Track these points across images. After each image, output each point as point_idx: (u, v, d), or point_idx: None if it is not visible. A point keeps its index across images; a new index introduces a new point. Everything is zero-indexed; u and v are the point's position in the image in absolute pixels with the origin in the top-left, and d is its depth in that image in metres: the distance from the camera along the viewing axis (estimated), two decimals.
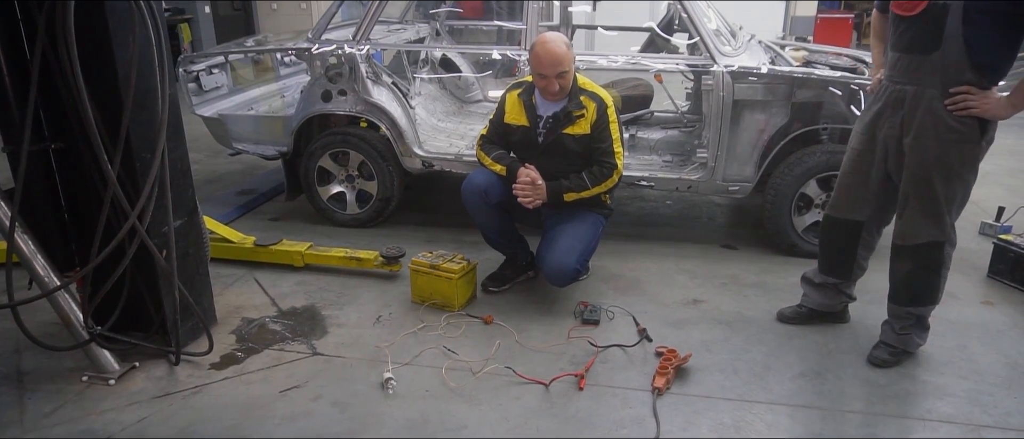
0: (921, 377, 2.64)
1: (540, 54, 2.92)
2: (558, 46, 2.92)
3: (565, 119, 3.02)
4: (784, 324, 3.00)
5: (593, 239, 3.14)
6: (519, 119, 3.12)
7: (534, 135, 3.09)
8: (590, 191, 3.03)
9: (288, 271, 3.55)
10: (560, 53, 2.91)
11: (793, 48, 4.56)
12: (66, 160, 2.60)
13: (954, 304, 3.20)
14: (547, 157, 3.08)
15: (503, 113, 3.17)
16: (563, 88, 2.98)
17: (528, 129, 3.10)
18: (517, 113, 3.13)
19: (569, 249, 3.02)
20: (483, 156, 3.17)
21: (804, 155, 3.54)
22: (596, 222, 3.16)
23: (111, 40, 2.40)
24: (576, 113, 3.00)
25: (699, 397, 2.52)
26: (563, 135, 3.04)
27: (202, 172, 5.29)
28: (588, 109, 3.00)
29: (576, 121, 3.01)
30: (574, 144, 3.04)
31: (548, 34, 3.01)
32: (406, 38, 4.83)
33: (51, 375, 2.66)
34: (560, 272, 3.03)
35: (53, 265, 2.60)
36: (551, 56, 2.90)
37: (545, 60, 2.92)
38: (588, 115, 3.01)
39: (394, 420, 2.40)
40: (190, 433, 2.35)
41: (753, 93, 3.49)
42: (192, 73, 4.20)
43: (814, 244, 3.63)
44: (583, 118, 3.01)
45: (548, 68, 2.92)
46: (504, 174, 3.07)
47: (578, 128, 3.02)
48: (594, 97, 3.02)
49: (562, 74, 2.93)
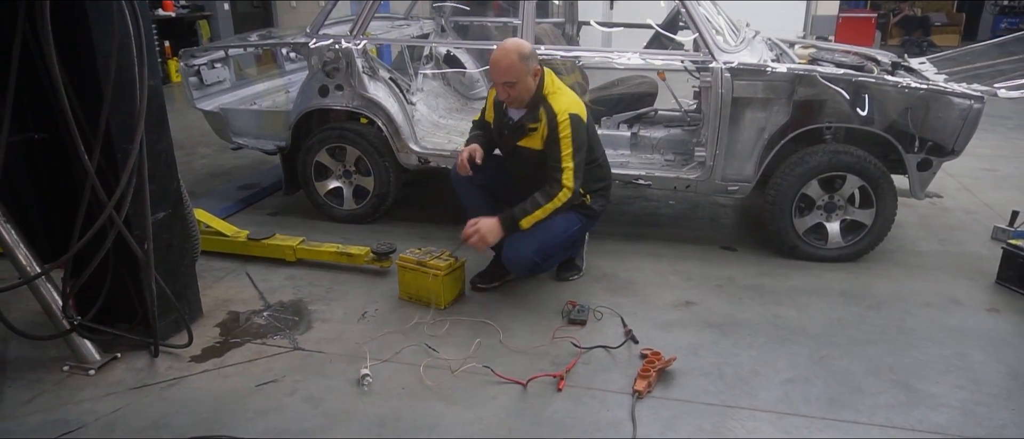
0: (916, 386, 2.54)
1: (492, 60, 2.88)
2: (508, 56, 2.82)
3: (519, 131, 2.99)
4: (781, 327, 2.91)
5: (562, 234, 3.06)
6: (490, 117, 3.17)
7: (499, 138, 3.12)
8: (544, 209, 2.92)
9: (280, 265, 3.54)
10: (507, 64, 2.82)
11: (802, 46, 4.45)
12: (49, 151, 2.62)
13: (957, 310, 3.08)
14: (511, 162, 3.12)
15: (486, 106, 3.20)
16: (513, 98, 2.92)
17: (493, 125, 3.15)
18: (491, 110, 3.16)
19: (528, 239, 2.97)
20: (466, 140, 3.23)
21: (806, 155, 3.44)
22: (570, 220, 3.08)
23: (91, 30, 2.41)
24: (530, 126, 2.95)
25: (680, 401, 2.45)
26: (519, 147, 3.02)
27: (208, 166, 5.34)
28: (540, 123, 2.92)
29: (529, 134, 2.96)
30: (529, 156, 3.01)
31: (508, 41, 2.94)
32: (410, 34, 4.80)
33: (33, 364, 2.68)
34: (514, 261, 3.04)
35: (36, 255, 2.62)
36: (499, 65, 2.85)
37: (494, 67, 2.87)
38: (540, 130, 2.93)
39: (366, 417, 2.37)
40: (162, 425, 2.34)
41: (753, 90, 3.40)
42: (193, 67, 4.22)
43: (815, 246, 3.56)
44: (536, 132, 2.95)
45: (496, 75, 2.88)
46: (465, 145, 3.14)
47: (531, 142, 2.97)
48: (549, 110, 2.91)
49: (509, 84, 2.86)
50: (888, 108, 3.35)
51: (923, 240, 3.89)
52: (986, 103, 3.26)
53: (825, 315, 3.03)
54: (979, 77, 3.66)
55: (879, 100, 3.34)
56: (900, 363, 2.67)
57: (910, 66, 4.01)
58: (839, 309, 3.09)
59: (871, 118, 3.35)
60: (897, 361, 2.69)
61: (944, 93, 3.31)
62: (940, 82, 3.52)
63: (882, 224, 3.49)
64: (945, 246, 3.82)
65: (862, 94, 3.34)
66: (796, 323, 2.97)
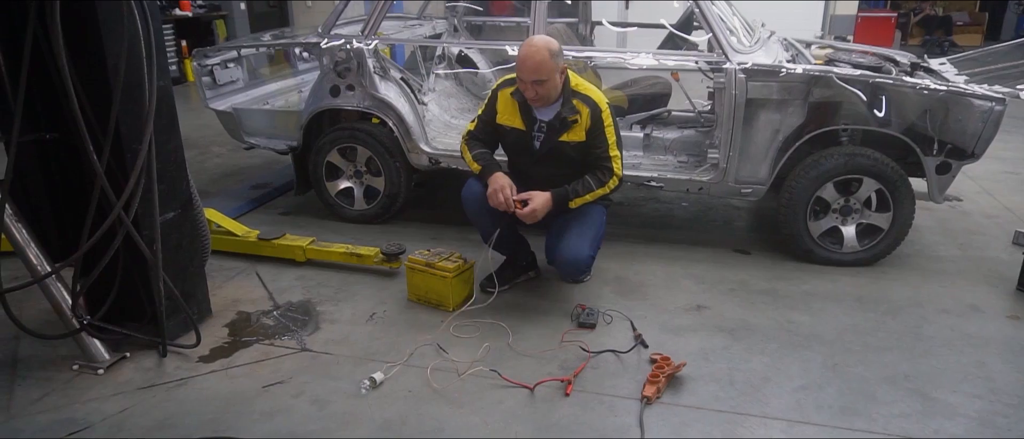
0: (932, 394, 2.48)
1: (521, 57, 2.80)
2: (539, 53, 2.76)
3: (561, 126, 2.91)
4: (794, 333, 2.87)
5: (601, 227, 3.07)
6: (513, 121, 3.01)
7: (529, 140, 3.00)
8: (595, 194, 2.94)
9: (290, 266, 3.54)
10: (539, 60, 2.76)
11: (819, 46, 4.38)
12: (61, 151, 2.63)
13: (977, 317, 3.01)
14: (544, 165, 3.01)
15: (494, 113, 3.05)
16: (540, 96, 2.85)
17: (523, 133, 3.00)
18: (511, 114, 3.01)
19: (581, 237, 2.95)
20: (465, 151, 3.09)
21: (821, 157, 3.39)
22: (600, 211, 3.09)
23: (101, 31, 2.41)
24: (571, 118, 2.89)
25: (689, 408, 2.41)
26: (561, 143, 2.94)
27: (222, 165, 5.36)
28: (582, 114, 2.89)
29: (572, 127, 2.91)
30: (572, 151, 2.95)
31: (535, 38, 2.89)
32: (422, 34, 4.79)
33: (44, 362, 2.69)
34: (574, 262, 2.96)
35: (47, 254, 2.63)
36: (529, 62, 2.77)
37: (523, 64, 2.79)
38: (582, 121, 2.89)
39: (371, 420, 2.36)
40: (168, 425, 2.34)
41: (767, 92, 3.35)
42: (206, 67, 4.24)
43: (831, 250, 3.50)
44: (578, 124, 2.90)
45: (525, 73, 2.80)
46: (477, 172, 3.00)
47: (574, 135, 2.92)
48: (587, 101, 2.90)
49: (539, 82, 2.80)
50: (906, 110, 3.28)
51: (942, 244, 3.82)
52: (1008, 105, 3.19)
53: (840, 321, 2.98)
54: (1002, 78, 3.58)
55: (897, 102, 3.27)
56: (916, 371, 2.61)
57: (930, 67, 3.94)
58: (854, 315, 3.03)
59: (888, 120, 3.29)
60: (913, 369, 2.63)
61: (964, 95, 3.24)
62: (960, 83, 3.45)
63: (899, 228, 3.43)
64: (964, 251, 3.74)
65: (879, 95, 3.27)
66: (810, 329, 2.92)
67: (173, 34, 8.67)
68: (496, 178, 2.93)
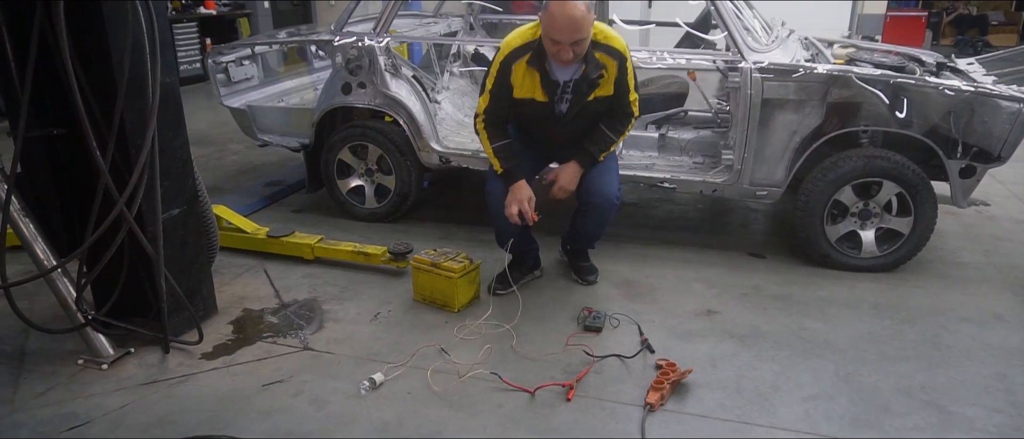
0: (949, 407, 2.39)
1: (556, 17, 2.57)
2: (577, 9, 2.55)
3: (588, 87, 2.78)
4: (806, 340, 2.78)
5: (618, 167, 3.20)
6: (533, 93, 2.82)
7: (552, 108, 2.87)
8: (615, 143, 3.00)
9: (299, 263, 3.53)
10: (578, 17, 2.55)
11: (842, 45, 4.27)
12: (69, 147, 2.64)
13: (1000, 327, 2.90)
14: (569, 126, 2.93)
15: (509, 88, 2.84)
16: (578, 55, 2.68)
17: (545, 104, 2.85)
18: (530, 86, 2.81)
19: (607, 173, 3.04)
20: (485, 140, 2.96)
21: (839, 159, 3.29)
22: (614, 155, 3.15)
23: (106, 28, 2.42)
24: (597, 76, 2.75)
25: (694, 416, 2.35)
26: (587, 103, 2.84)
27: (238, 162, 5.39)
28: (609, 68, 2.76)
29: (599, 83, 2.79)
30: (599, 106, 2.88)
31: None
32: (437, 32, 4.76)
33: (50, 356, 2.71)
34: (608, 200, 3.01)
35: (54, 249, 2.65)
36: (569, 21, 2.56)
37: (562, 25, 2.57)
38: (610, 74, 2.77)
39: (369, 421, 2.33)
40: (166, 422, 2.34)
41: (784, 91, 3.26)
42: (221, 65, 4.26)
43: (849, 255, 3.40)
44: (605, 79, 2.78)
45: (564, 34, 2.59)
46: (499, 173, 2.94)
47: (602, 91, 2.82)
48: (612, 53, 2.77)
49: (579, 42, 2.62)
50: (929, 111, 3.17)
51: (966, 250, 3.69)
52: None
53: (855, 328, 2.89)
54: None
55: (919, 103, 3.17)
56: (933, 382, 2.52)
57: (957, 67, 3.81)
58: (870, 322, 2.94)
59: (909, 122, 3.19)
60: (930, 380, 2.53)
61: (990, 95, 3.13)
62: (988, 84, 3.33)
63: (920, 233, 3.32)
64: (990, 258, 3.61)
65: (900, 96, 3.17)
66: (823, 336, 2.83)
67: (197, 32, 8.77)
68: (517, 190, 2.89)
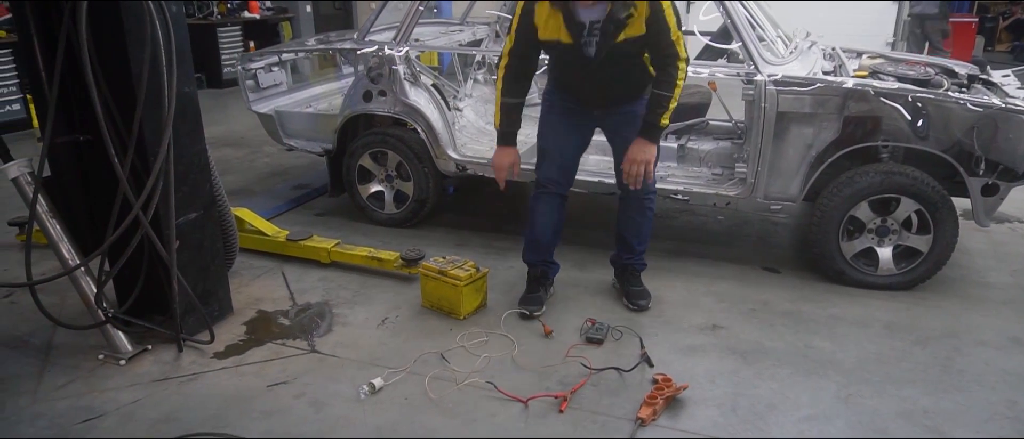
0: (950, 433, 2.33)
1: None
2: None
3: (615, 27, 2.64)
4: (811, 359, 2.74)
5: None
6: (558, 34, 2.71)
7: (580, 50, 2.73)
8: (673, 97, 2.75)
9: (316, 267, 3.63)
10: None
11: (869, 56, 4.17)
12: (95, 152, 2.78)
13: (1017, 352, 2.81)
14: (602, 69, 2.76)
15: (534, 29, 2.74)
16: None
17: (570, 46, 2.72)
18: (554, 27, 2.71)
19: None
20: (499, 90, 2.88)
21: (856, 174, 3.23)
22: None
23: (126, 40, 2.54)
24: (625, 16, 2.61)
25: (685, 433, 2.34)
26: (616, 45, 2.67)
27: (270, 165, 5.55)
28: (639, 7, 2.61)
29: (627, 22, 2.63)
30: (632, 47, 2.70)
31: None
32: (460, 40, 4.82)
33: (74, 351, 2.85)
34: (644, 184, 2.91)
35: (79, 249, 2.79)
36: None
37: None
38: (640, 12, 2.62)
39: (364, 426, 2.39)
40: (173, 418, 2.44)
41: (799, 104, 3.22)
42: (250, 71, 4.40)
43: (865, 272, 3.33)
44: (634, 18, 2.63)
45: None
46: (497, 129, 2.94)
47: (632, 30, 2.65)
48: None
49: None
50: (950, 126, 3.09)
51: (993, 270, 3.57)
52: None
53: (863, 348, 2.83)
54: None
55: (939, 118, 3.09)
56: (937, 407, 2.46)
57: (990, 79, 3.69)
58: (880, 342, 2.88)
59: (930, 136, 3.11)
60: (934, 404, 2.47)
61: (1015, 112, 3.03)
62: (1019, 98, 3.22)
63: (940, 252, 3.23)
64: (1017, 278, 3.49)
65: (920, 111, 3.09)
66: (828, 355, 2.79)
67: (241, 35, 9.04)
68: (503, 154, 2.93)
